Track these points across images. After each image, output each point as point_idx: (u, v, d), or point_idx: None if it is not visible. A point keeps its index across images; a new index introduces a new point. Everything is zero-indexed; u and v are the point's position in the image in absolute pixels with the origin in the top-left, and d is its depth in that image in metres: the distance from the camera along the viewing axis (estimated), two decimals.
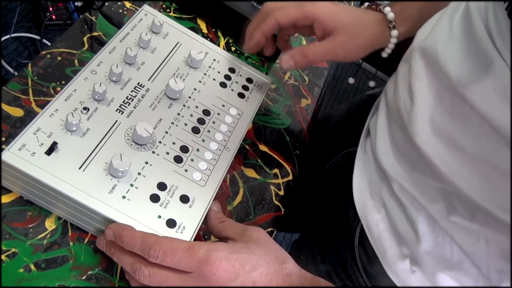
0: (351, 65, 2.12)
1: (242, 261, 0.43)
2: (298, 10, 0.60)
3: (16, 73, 1.27)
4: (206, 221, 0.51)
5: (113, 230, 0.45)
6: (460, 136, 0.48)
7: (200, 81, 0.60)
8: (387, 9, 0.61)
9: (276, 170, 0.63)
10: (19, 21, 1.75)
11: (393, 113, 0.58)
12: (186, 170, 0.52)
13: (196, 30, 0.71)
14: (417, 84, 0.53)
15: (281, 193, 0.62)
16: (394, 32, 0.61)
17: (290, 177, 0.64)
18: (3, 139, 0.51)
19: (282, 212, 0.61)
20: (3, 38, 1.66)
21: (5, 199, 0.48)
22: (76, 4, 1.87)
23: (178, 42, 0.62)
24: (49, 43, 1.74)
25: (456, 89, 0.47)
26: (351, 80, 0.72)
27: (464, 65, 0.47)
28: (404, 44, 0.64)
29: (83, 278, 0.46)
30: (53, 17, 1.76)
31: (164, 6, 0.72)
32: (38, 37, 1.74)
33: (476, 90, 0.45)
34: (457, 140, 0.48)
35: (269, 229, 0.58)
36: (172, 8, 0.72)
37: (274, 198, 0.61)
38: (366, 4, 0.64)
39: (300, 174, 0.66)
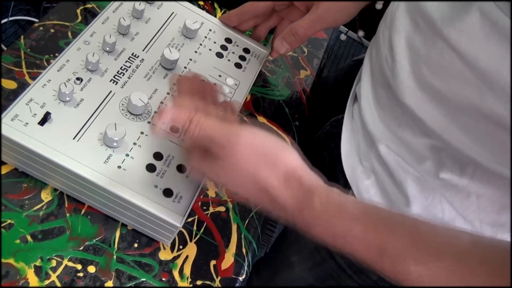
0: (354, 44, 2.10)
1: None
2: None
3: None
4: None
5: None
6: (443, 87, 0.47)
7: (196, 52, 0.59)
8: None
9: None
10: (17, 4, 1.74)
11: (376, 73, 0.57)
12: (182, 140, 0.51)
13: (192, 1, 0.70)
14: (397, 38, 0.52)
15: None
16: None
17: None
18: None
19: None
20: (1, 22, 1.65)
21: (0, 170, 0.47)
22: None
23: (173, 13, 0.61)
24: None
25: (437, 32, 0.46)
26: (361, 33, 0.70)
27: (444, 2, 0.45)
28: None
29: (81, 248, 0.46)
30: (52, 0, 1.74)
31: None
32: (36, 20, 1.73)
33: (459, 28, 0.43)
34: (441, 91, 0.47)
35: None
36: None
37: None
38: None
39: (300, 145, 0.65)
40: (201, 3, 0.71)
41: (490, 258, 0.36)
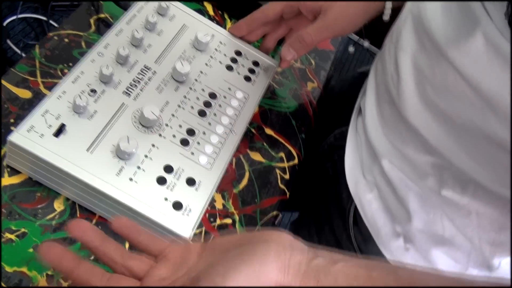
0: (361, 52, 2.09)
1: None
2: (281, 1, 0.61)
3: (23, 55, 1.27)
4: None
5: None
6: (447, 107, 0.48)
7: (206, 64, 0.60)
8: None
9: (281, 154, 0.63)
10: (25, 2, 1.75)
11: (381, 89, 0.58)
12: (192, 153, 0.52)
13: (203, 12, 0.71)
14: (402, 56, 0.53)
15: (287, 177, 0.62)
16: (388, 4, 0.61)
17: (296, 161, 0.64)
18: (12, 120, 0.51)
19: (287, 196, 0.61)
20: (10, 19, 1.66)
21: (15, 180, 0.48)
22: None
23: (184, 25, 0.62)
24: (56, 25, 1.73)
25: (442, 53, 0.47)
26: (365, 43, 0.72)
27: (449, 24, 0.47)
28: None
29: (92, 258, 0.47)
30: None
31: None
32: (45, 18, 1.73)
33: (463, 51, 0.44)
34: (444, 111, 0.48)
35: (274, 213, 0.59)
36: None
37: (279, 181, 0.61)
38: None
39: (305, 157, 0.66)
40: (212, 14, 0.72)
41: None
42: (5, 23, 1.52)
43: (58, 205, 0.49)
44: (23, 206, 0.47)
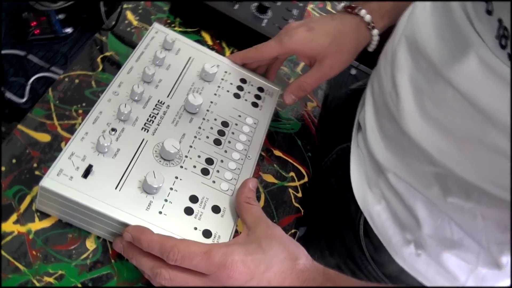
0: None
1: (257, 262, 0.45)
2: (278, 46, 0.64)
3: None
4: (236, 193, 0.53)
5: (131, 233, 0.46)
6: (447, 120, 0.51)
7: (215, 94, 0.62)
8: (363, 11, 0.65)
9: (292, 173, 0.66)
10: (2, 37, 1.74)
11: (380, 106, 0.61)
12: (213, 182, 0.54)
13: (202, 42, 0.73)
14: (400, 76, 0.56)
15: (299, 195, 0.65)
16: (375, 31, 0.66)
17: (306, 179, 0.67)
18: (35, 165, 0.52)
19: (302, 213, 0.64)
20: None
21: (45, 223, 0.49)
22: (58, 17, 1.87)
23: (190, 57, 0.64)
24: (36, 59, 1.74)
25: (438, 73, 0.50)
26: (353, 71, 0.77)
27: (444, 47, 0.50)
28: (382, 37, 0.68)
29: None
30: (36, 31, 1.75)
31: (169, 21, 0.74)
32: (23, 53, 1.73)
33: (459, 71, 0.47)
34: (445, 124, 0.51)
35: (292, 231, 0.61)
36: (176, 23, 0.74)
37: (293, 200, 0.64)
38: (341, 5, 0.68)
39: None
40: (210, 43, 0.74)
41: None
42: None
43: (90, 244, 0.50)
44: (57, 248, 0.48)
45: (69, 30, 1.94)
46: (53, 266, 0.47)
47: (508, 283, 0.63)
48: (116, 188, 0.49)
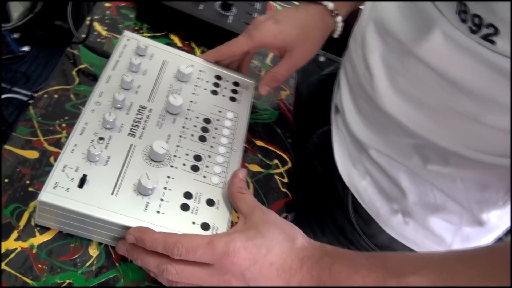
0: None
1: (258, 247, 0.47)
2: (248, 41, 0.67)
3: None
4: (228, 184, 0.55)
5: (133, 234, 0.48)
6: (420, 94, 0.54)
7: (193, 93, 0.64)
8: (326, 1, 0.68)
9: (276, 161, 0.68)
10: None
11: (355, 88, 0.65)
12: (204, 177, 0.56)
13: (172, 45, 0.75)
14: (371, 57, 0.59)
15: (285, 180, 0.67)
16: (339, 18, 0.69)
17: (290, 165, 0.69)
18: (27, 182, 0.53)
19: (290, 197, 0.66)
20: None
21: (46, 236, 0.50)
22: (13, 36, 1.85)
23: (164, 61, 0.65)
24: None
25: (407, 51, 0.53)
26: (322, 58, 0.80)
27: (410, 26, 0.53)
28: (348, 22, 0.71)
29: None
30: None
31: (136, 28, 0.75)
32: None
33: (426, 47, 0.51)
34: (418, 98, 0.55)
35: (284, 215, 0.64)
36: (144, 28, 0.75)
37: (280, 186, 0.66)
38: None
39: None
40: (180, 45, 0.76)
41: (465, 258, 0.43)
42: None
43: (93, 251, 0.51)
44: (61, 259, 0.50)
45: (26, 48, 1.91)
46: (61, 276, 0.48)
47: (490, 239, 0.68)
48: (112, 194, 0.50)
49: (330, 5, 0.68)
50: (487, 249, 0.45)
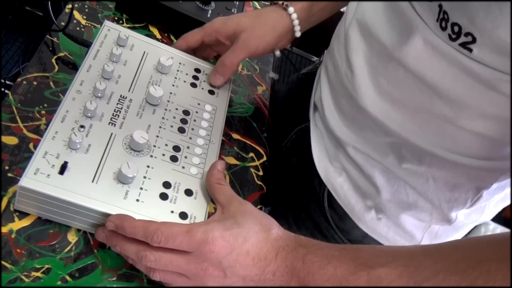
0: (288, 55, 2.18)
1: (235, 236, 0.49)
2: (200, 29, 0.69)
3: None
4: (206, 175, 0.57)
5: (114, 221, 0.49)
6: (400, 95, 0.57)
7: (173, 85, 0.65)
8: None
9: (252, 154, 0.70)
10: None
11: (336, 85, 0.67)
12: (183, 167, 0.57)
13: (151, 36, 0.75)
14: (355, 56, 0.61)
15: (261, 173, 0.69)
16: (291, 9, 0.70)
17: (265, 158, 0.71)
18: (6, 167, 0.53)
19: (265, 190, 0.68)
20: None
21: (25, 222, 0.51)
22: None
23: (144, 52, 0.66)
24: None
25: (389, 54, 0.56)
26: (272, 74, 0.81)
27: (392, 31, 0.55)
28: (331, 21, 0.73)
29: (115, 278, 0.51)
30: None
31: (116, 18, 0.75)
32: None
33: (407, 52, 0.53)
34: (398, 98, 0.57)
35: (258, 207, 0.66)
36: (124, 19, 0.76)
37: (256, 179, 0.68)
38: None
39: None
40: (159, 37, 0.77)
41: (431, 253, 0.46)
42: None
43: (72, 237, 0.52)
44: (40, 244, 0.50)
45: None
46: (39, 261, 0.49)
47: (459, 237, 0.71)
48: (93, 181, 0.51)
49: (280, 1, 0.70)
50: (451, 245, 0.48)
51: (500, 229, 1.82)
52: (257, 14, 0.70)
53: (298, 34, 0.72)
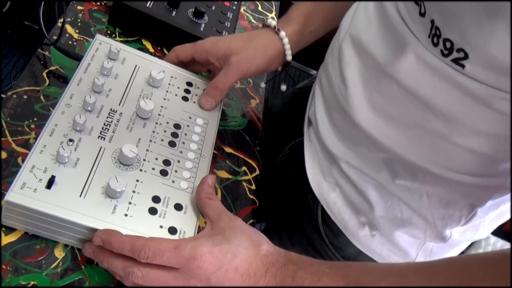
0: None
1: (224, 252, 0.48)
2: (191, 45, 0.69)
3: None
4: (197, 190, 0.56)
5: (101, 237, 0.48)
6: (393, 110, 0.57)
7: (164, 99, 0.65)
8: (269, 21, 0.71)
9: (244, 168, 0.70)
10: None
11: (330, 100, 0.66)
12: (173, 181, 0.57)
13: (143, 50, 0.75)
14: (348, 70, 0.61)
15: (253, 187, 0.68)
16: (282, 33, 0.70)
17: (257, 172, 0.71)
18: None
19: (257, 205, 0.67)
20: None
21: (12, 237, 0.50)
22: None
23: (136, 65, 0.66)
24: None
25: (382, 70, 0.56)
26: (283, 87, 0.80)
27: (385, 47, 0.55)
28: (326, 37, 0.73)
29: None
30: None
31: (109, 32, 0.75)
32: None
33: (399, 68, 0.53)
34: (391, 114, 0.57)
35: (250, 221, 0.65)
36: (117, 33, 0.76)
37: (248, 192, 0.67)
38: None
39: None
40: (152, 50, 0.77)
41: (423, 270, 0.45)
42: None
43: (59, 253, 0.51)
44: (26, 260, 0.49)
45: None
46: (25, 277, 0.48)
47: (454, 254, 0.70)
48: (80, 196, 0.51)
49: (270, 22, 0.70)
50: (444, 262, 0.47)
51: (500, 243, 1.80)
52: (249, 36, 0.70)
53: (289, 58, 0.71)
